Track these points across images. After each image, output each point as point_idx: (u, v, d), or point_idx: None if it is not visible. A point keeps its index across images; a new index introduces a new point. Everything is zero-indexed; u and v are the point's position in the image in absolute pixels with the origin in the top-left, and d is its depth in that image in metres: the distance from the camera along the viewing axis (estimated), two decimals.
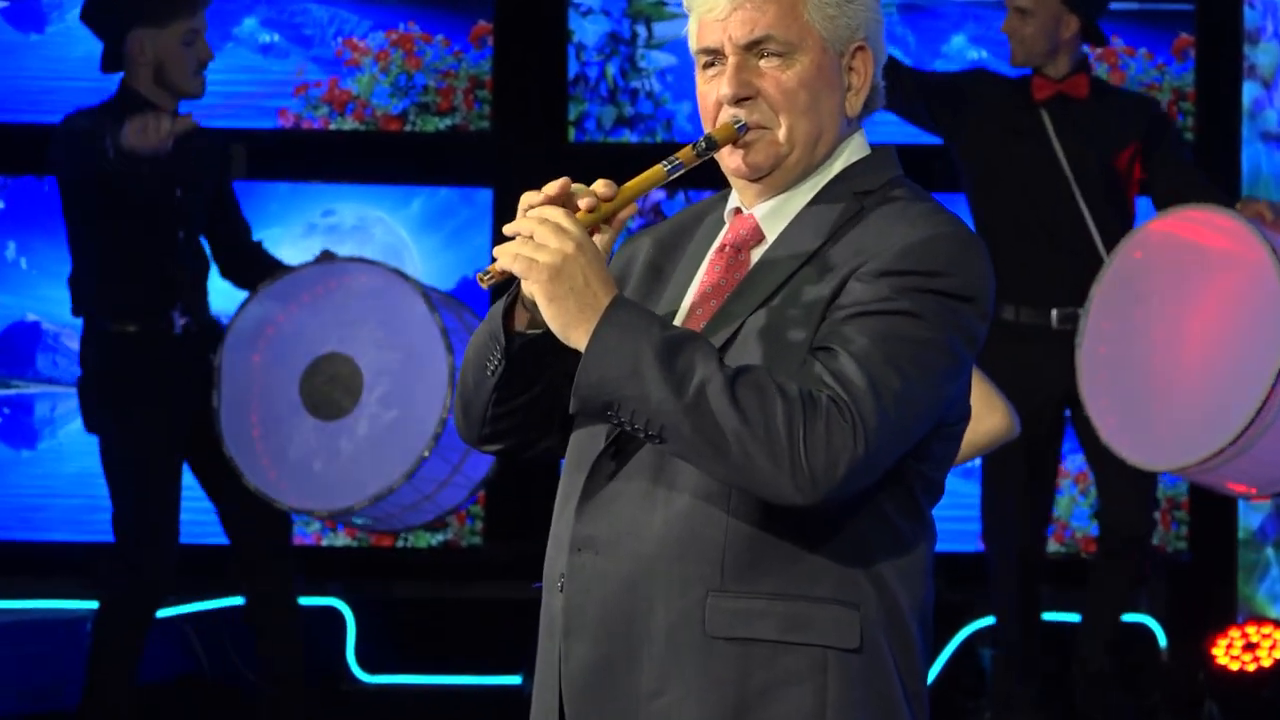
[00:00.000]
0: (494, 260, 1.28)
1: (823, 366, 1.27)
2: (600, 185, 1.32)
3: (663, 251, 1.48)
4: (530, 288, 1.26)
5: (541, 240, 1.25)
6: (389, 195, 5.45)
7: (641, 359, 1.22)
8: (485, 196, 5.44)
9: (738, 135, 1.36)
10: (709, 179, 1.52)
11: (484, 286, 1.31)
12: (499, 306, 1.37)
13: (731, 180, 1.46)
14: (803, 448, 1.21)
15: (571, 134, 5.29)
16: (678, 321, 1.38)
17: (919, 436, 1.30)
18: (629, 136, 5.42)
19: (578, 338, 1.26)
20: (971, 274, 1.32)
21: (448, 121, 5.36)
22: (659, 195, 5.17)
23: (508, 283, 1.33)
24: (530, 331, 1.36)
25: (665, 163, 1.34)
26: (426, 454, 3.87)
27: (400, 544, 5.17)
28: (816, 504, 1.23)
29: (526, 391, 1.40)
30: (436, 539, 5.20)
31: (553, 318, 1.26)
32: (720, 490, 1.28)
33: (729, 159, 1.39)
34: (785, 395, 1.23)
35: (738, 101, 1.33)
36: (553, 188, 1.28)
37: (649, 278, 1.46)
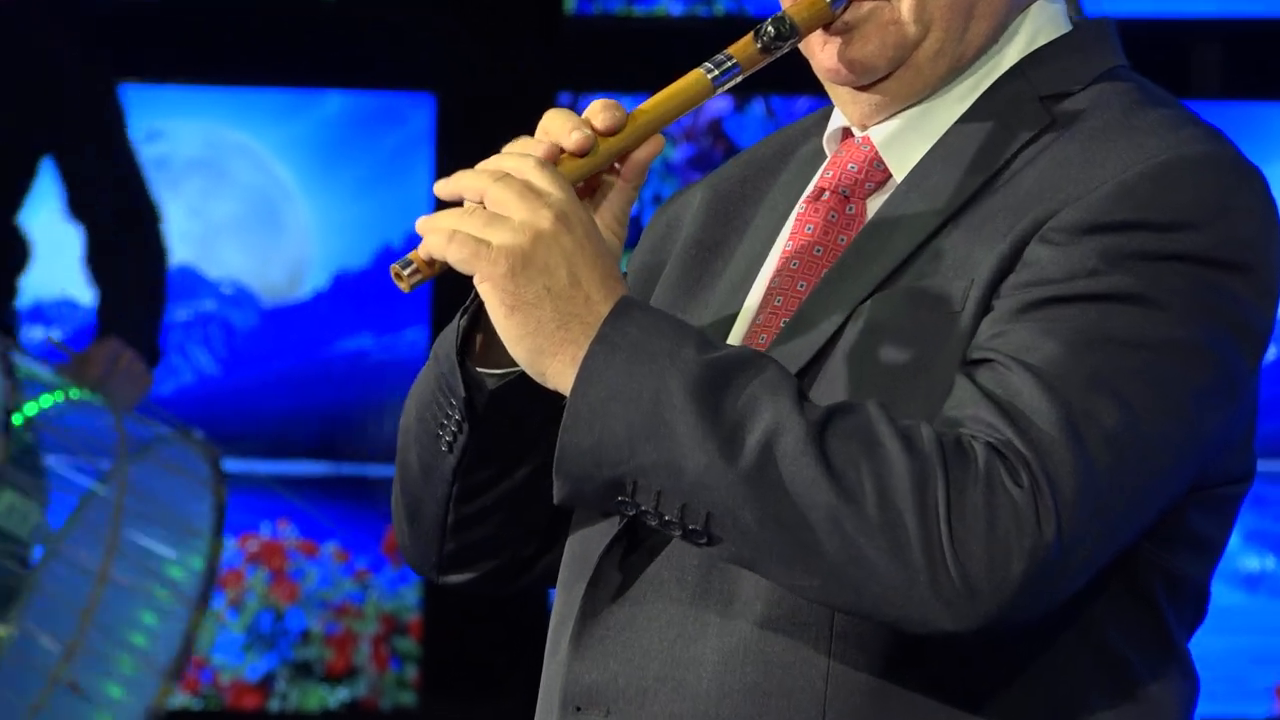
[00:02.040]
0: (419, 245, 0.88)
1: (981, 393, 0.87)
2: (600, 111, 0.92)
3: (722, 213, 1.11)
4: (482, 291, 0.86)
5: (498, 208, 0.86)
6: (263, 106, 4.01)
7: (666, 403, 0.85)
8: (424, 109, 3.86)
9: (831, 14, 0.98)
10: (804, 84, 1.12)
11: (404, 288, 0.89)
12: (450, 334, 0.97)
13: (829, 89, 1.05)
14: (946, 536, 0.82)
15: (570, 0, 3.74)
16: (742, 324, 1.01)
17: (1160, 508, 0.89)
18: (666, 4, 3.86)
19: (558, 371, 0.87)
20: (1243, 226, 0.90)
21: None
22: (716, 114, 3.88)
23: (462, 290, 0.93)
24: (503, 371, 0.96)
25: (709, 65, 0.95)
26: None
27: (277, 707, 4.11)
28: (975, 631, 0.83)
29: (509, 472, 1.02)
30: (339, 694, 4.09)
31: (516, 339, 0.87)
32: (813, 612, 0.90)
33: (821, 54, 1.00)
34: (913, 448, 0.84)
35: None
36: (552, 123, 0.91)
37: (696, 260, 1.08)
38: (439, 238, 0.87)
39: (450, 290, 1.00)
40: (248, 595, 4.01)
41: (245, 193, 3.83)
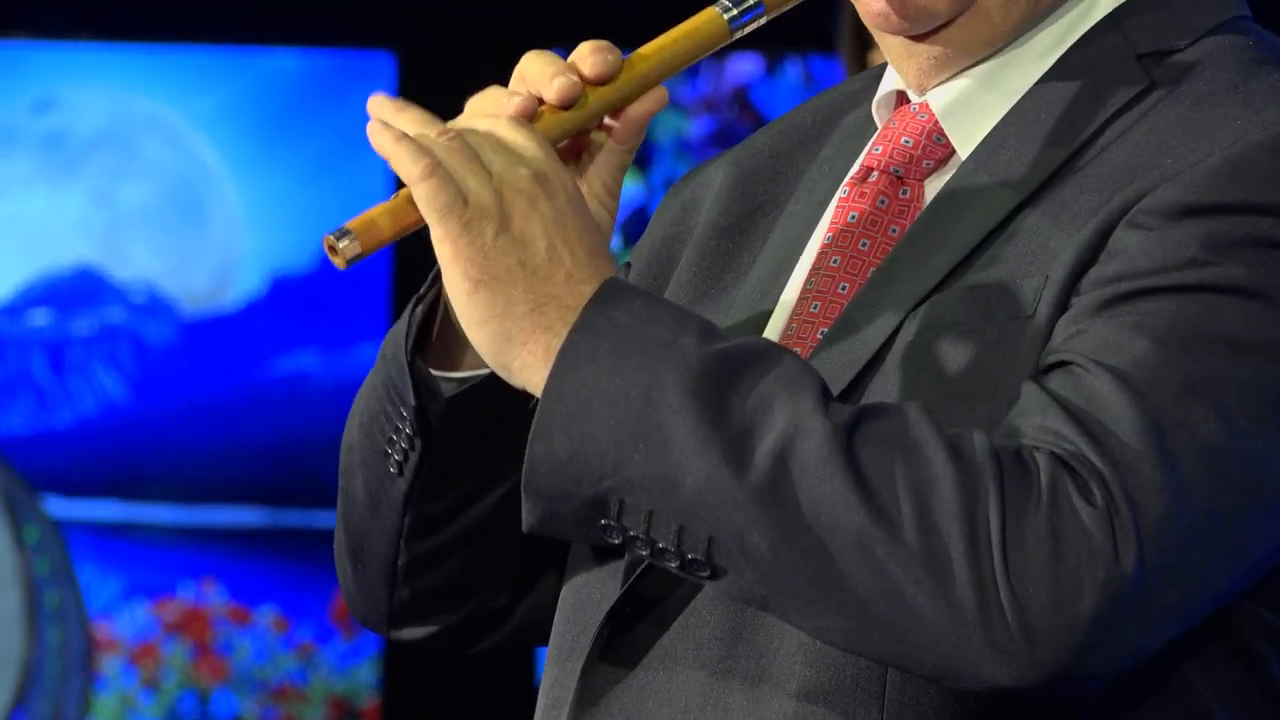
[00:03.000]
0: (361, 214, 0.80)
1: (1050, 398, 0.78)
2: (589, 54, 0.83)
3: (749, 195, 1.02)
4: (442, 256, 0.77)
5: (457, 166, 0.77)
6: (181, 69, 3.61)
7: (659, 402, 0.75)
8: (382, 70, 3.54)
9: None
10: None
11: (339, 264, 0.78)
12: (400, 328, 0.89)
13: (880, 41, 0.96)
14: (1001, 567, 0.71)
15: None
16: (772, 333, 0.92)
17: (1270, 546, 0.79)
18: None
19: (528, 364, 0.77)
20: None
21: None
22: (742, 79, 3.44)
23: (415, 276, 0.88)
24: (465, 374, 0.87)
25: (725, 2, 0.86)
26: None
27: None
28: (1037, 687, 0.73)
29: (473, 500, 0.91)
30: None
31: (479, 322, 0.78)
32: (857, 689, 0.81)
33: None
34: (961, 459, 0.74)
35: None
36: (531, 68, 0.83)
37: (716, 251, 0.99)
38: (390, 204, 0.76)
39: (414, 292, 0.88)
40: (165, 673, 3.48)
41: (160, 176, 3.40)
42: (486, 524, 0.90)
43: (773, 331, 0.90)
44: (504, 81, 0.83)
